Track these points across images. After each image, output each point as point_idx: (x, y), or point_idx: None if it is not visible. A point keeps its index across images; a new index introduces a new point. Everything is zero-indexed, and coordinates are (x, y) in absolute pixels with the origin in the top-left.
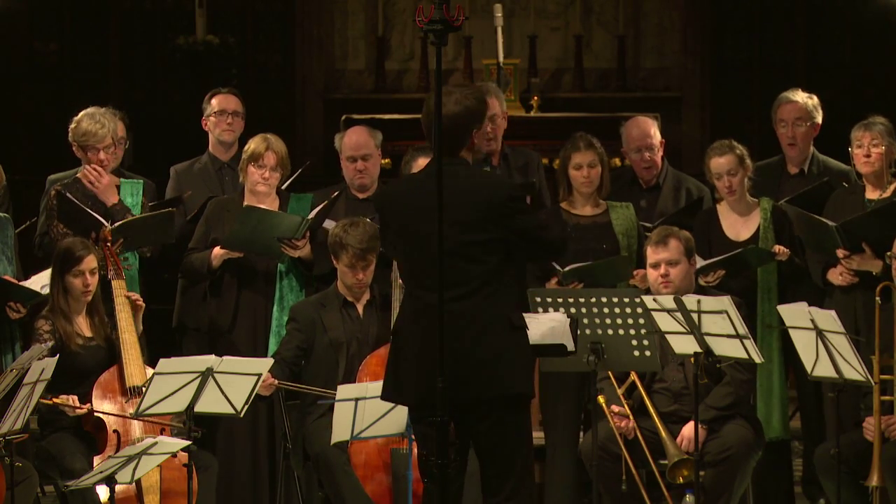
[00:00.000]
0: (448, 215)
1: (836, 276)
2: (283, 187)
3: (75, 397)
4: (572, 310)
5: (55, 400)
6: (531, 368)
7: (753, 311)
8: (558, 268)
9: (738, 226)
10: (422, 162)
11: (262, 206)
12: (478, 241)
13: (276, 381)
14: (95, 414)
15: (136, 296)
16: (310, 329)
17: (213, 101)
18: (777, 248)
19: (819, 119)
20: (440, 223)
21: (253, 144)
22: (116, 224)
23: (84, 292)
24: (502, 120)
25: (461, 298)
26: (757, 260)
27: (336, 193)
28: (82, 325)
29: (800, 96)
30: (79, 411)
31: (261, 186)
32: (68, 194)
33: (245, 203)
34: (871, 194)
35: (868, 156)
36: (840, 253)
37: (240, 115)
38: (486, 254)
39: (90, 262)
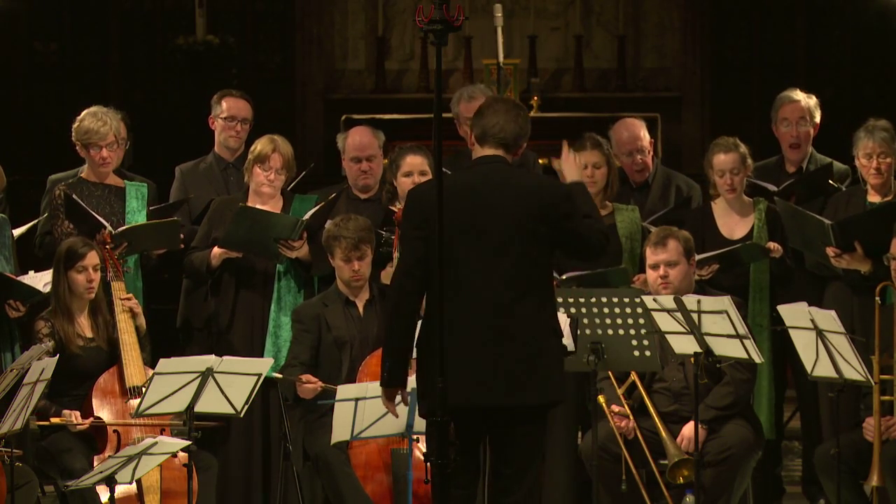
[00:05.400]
0: (503, 214)
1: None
2: (289, 188)
3: (77, 413)
4: (572, 310)
5: (54, 420)
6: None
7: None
8: (556, 275)
9: (733, 224)
10: (410, 160)
11: (257, 207)
12: (533, 242)
13: (321, 384)
14: (97, 422)
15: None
16: (315, 328)
17: (224, 105)
18: (771, 244)
19: (818, 118)
20: (441, 222)
21: (260, 146)
22: (119, 230)
23: (87, 289)
24: None
25: (517, 300)
26: (752, 256)
27: (334, 195)
28: (84, 326)
29: (800, 96)
30: (80, 427)
31: (266, 188)
32: (74, 196)
33: (249, 203)
34: (873, 198)
35: (878, 169)
36: (830, 251)
37: (248, 121)
38: (540, 255)
39: (93, 257)
